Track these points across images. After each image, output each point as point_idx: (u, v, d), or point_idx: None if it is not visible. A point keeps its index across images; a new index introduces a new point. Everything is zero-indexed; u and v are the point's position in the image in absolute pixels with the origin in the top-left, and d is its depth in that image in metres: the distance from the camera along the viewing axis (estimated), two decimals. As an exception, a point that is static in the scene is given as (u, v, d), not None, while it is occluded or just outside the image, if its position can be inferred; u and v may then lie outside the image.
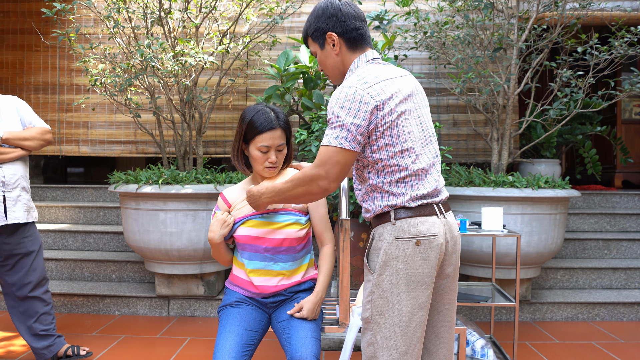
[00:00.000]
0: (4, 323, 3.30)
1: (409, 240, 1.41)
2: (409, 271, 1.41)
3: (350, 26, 1.50)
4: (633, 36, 3.46)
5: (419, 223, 1.42)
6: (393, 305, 1.42)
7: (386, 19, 3.58)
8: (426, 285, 1.43)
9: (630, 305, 3.51)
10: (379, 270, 1.44)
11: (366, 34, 1.54)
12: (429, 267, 1.43)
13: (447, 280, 1.52)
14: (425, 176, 1.46)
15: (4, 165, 2.46)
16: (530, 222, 3.20)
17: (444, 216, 1.48)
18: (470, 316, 3.54)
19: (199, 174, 3.37)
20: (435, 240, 1.43)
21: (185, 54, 3.24)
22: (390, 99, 1.41)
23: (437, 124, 3.14)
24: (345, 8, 1.52)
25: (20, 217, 2.49)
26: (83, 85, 4.90)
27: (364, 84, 1.41)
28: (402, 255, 1.42)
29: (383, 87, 1.42)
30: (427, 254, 1.42)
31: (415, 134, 1.45)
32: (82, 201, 4.68)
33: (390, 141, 1.41)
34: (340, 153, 1.39)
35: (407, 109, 1.45)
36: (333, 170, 1.41)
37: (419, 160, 1.44)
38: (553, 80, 3.79)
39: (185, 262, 3.33)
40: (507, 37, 3.57)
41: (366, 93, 1.39)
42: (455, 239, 1.52)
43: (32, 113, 2.65)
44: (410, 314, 1.41)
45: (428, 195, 1.46)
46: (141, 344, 2.98)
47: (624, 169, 5.72)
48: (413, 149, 1.43)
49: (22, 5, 4.99)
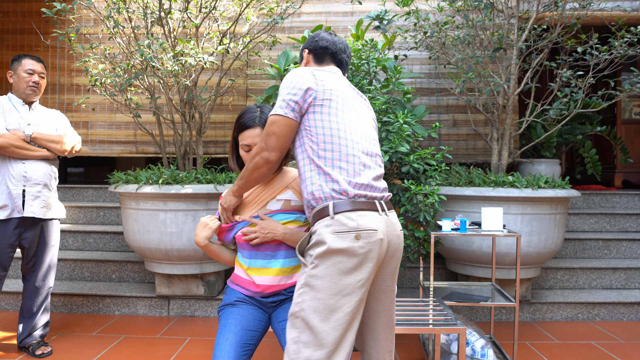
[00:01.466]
0: (4, 323, 3.30)
1: (349, 234, 1.39)
2: (345, 265, 1.38)
3: (321, 45, 1.71)
4: (633, 36, 3.46)
5: (359, 217, 1.41)
6: (325, 300, 1.37)
7: (386, 19, 3.58)
8: (363, 281, 1.39)
9: (630, 305, 3.51)
10: (315, 262, 1.41)
11: (336, 55, 1.72)
12: (367, 263, 1.39)
13: (388, 280, 1.51)
14: (366, 168, 1.49)
15: (27, 161, 2.65)
16: (530, 222, 3.20)
17: (386, 214, 1.48)
18: (470, 316, 3.54)
19: (199, 174, 3.37)
20: (375, 235, 1.41)
21: (185, 54, 3.24)
22: (329, 83, 1.54)
23: (437, 124, 3.14)
24: (328, 36, 1.73)
25: (37, 212, 2.67)
26: (83, 85, 4.90)
27: (307, 69, 1.57)
28: (339, 249, 1.38)
29: (326, 76, 1.56)
30: (366, 249, 1.39)
31: (355, 127, 1.53)
32: (82, 201, 4.68)
33: (327, 118, 1.49)
34: (274, 123, 1.51)
35: (347, 102, 1.55)
36: (270, 139, 1.51)
37: (356, 147, 1.49)
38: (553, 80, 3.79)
39: (185, 262, 3.33)
40: (507, 37, 3.57)
41: (307, 72, 1.54)
42: (398, 237, 1.51)
43: (68, 125, 2.91)
44: (343, 311, 1.37)
45: (367, 186, 1.46)
46: (141, 344, 2.98)
47: (624, 169, 5.71)
48: (350, 132, 1.50)
49: (22, 5, 4.99)
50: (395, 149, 2.93)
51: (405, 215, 3.12)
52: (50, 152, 2.73)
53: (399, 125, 2.99)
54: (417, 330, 1.96)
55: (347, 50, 1.75)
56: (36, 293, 2.80)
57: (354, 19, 4.75)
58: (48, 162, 2.75)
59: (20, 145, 2.61)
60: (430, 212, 2.97)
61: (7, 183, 2.61)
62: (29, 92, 2.71)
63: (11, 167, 2.62)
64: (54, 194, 2.82)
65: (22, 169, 2.63)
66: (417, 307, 2.25)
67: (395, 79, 3.44)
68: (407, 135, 3.05)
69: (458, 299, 2.64)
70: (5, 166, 2.62)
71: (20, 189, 2.62)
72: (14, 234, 2.67)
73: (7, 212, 2.62)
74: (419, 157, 3.06)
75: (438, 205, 2.97)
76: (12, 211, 2.62)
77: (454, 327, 1.95)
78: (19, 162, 2.63)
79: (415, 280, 3.86)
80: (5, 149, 2.57)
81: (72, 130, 2.91)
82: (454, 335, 2.78)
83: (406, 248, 3.05)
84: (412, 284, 3.86)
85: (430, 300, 2.34)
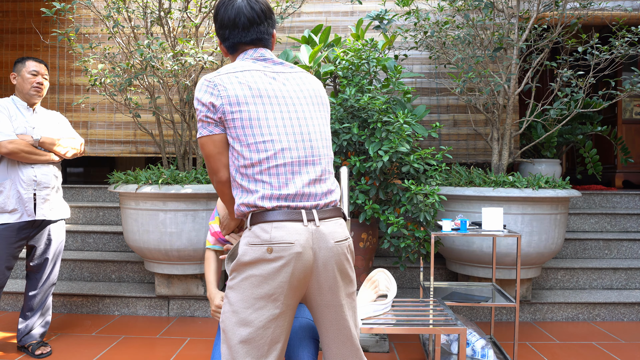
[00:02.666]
0: (4, 323, 3.30)
1: (261, 247, 1.33)
2: (257, 279, 1.32)
3: (223, 32, 1.48)
4: (634, 36, 3.45)
5: (274, 228, 1.32)
6: (238, 313, 1.34)
7: (386, 18, 3.58)
8: (275, 296, 1.33)
9: (630, 306, 3.51)
10: (231, 275, 1.38)
11: (245, 35, 1.46)
12: (279, 277, 1.32)
13: (327, 295, 1.40)
14: (296, 175, 1.37)
15: (36, 166, 2.70)
16: (531, 222, 3.19)
17: (315, 224, 1.36)
18: (471, 316, 3.53)
19: (198, 174, 3.36)
20: (291, 248, 1.32)
21: (185, 53, 3.24)
22: (235, 89, 1.36)
23: (437, 124, 3.14)
24: (230, 12, 1.45)
25: (47, 214, 2.75)
26: (83, 85, 4.89)
27: (206, 79, 1.40)
28: (251, 262, 1.33)
29: (230, 79, 1.37)
30: (279, 263, 1.31)
31: (282, 131, 1.38)
32: (82, 201, 4.67)
33: (242, 132, 1.35)
34: (202, 146, 1.42)
35: (269, 102, 1.38)
36: (209, 163, 1.44)
37: (286, 155, 1.36)
38: (553, 80, 3.78)
39: (185, 262, 3.32)
40: (508, 36, 3.57)
41: (205, 85, 1.38)
42: (329, 250, 1.37)
43: (70, 127, 2.96)
44: (255, 325, 1.33)
45: (294, 195, 1.36)
46: (141, 344, 2.97)
47: (624, 169, 5.71)
48: (271, 142, 1.35)
49: (22, 4, 4.99)
50: (395, 149, 2.92)
51: (406, 215, 3.11)
52: (57, 155, 2.78)
53: (399, 125, 2.98)
54: (417, 330, 1.96)
55: (257, 17, 1.45)
56: (39, 291, 2.82)
57: (354, 19, 4.74)
58: (53, 164, 2.80)
59: (30, 151, 2.65)
60: (431, 212, 2.97)
61: (17, 188, 2.65)
62: (32, 93, 2.73)
63: (21, 172, 2.66)
64: (60, 194, 2.87)
65: (32, 173, 2.68)
66: (417, 307, 2.24)
67: (396, 78, 3.44)
68: (407, 135, 3.04)
69: (458, 299, 2.63)
70: (15, 171, 2.66)
71: (31, 193, 2.67)
72: (23, 235, 2.71)
73: (18, 215, 2.66)
74: (419, 157, 3.06)
75: (438, 205, 2.97)
76: (22, 215, 2.67)
77: (454, 328, 1.94)
78: (29, 167, 2.67)
79: (416, 280, 3.85)
80: (16, 155, 2.60)
81: (74, 133, 2.94)
82: (454, 336, 2.77)
83: (406, 248, 3.05)
84: (412, 284, 3.85)
85: (431, 300, 2.34)
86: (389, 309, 2.15)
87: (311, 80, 1.50)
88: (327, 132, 1.50)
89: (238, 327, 1.34)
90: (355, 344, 1.47)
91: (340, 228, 1.43)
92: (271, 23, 1.50)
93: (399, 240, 3.05)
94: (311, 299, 1.42)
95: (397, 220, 2.94)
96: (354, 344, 1.47)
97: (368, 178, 3.12)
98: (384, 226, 3.06)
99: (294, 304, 1.39)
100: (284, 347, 1.40)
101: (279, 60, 1.50)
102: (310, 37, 3.77)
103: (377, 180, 3.10)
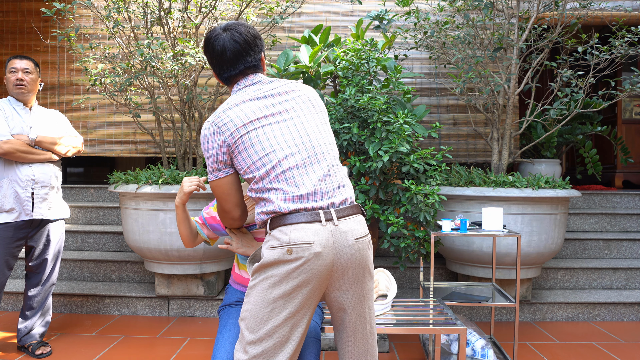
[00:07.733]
0: (4, 323, 3.30)
1: (281, 249, 1.37)
2: (276, 278, 1.37)
3: (216, 69, 1.57)
4: (633, 36, 3.45)
5: (292, 230, 1.37)
6: (256, 312, 1.39)
7: (386, 18, 3.58)
8: (294, 294, 1.37)
9: (630, 306, 3.51)
10: (253, 275, 1.43)
11: (234, 68, 1.54)
12: (299, 276, 1.36)
13: (347, 293, 1.44)
14: (305, 175, 1.42)
15: (34, 165, 2.69)
16: (531, 222, 3.19)
17: (333, 223, 1.40)
18: (471, 316, 3.53)
19: (198, 174, 3.36)
20: (310, 248, 1.36)
21: (185, 53, 3.24)
22: (235, 120, 1.45)
23: (437, 124, 3.14)
24: (217, 49, 1.53)
25: (45, 214, 2.73)
26: (83, 85, 4.89)
27: (210, 120, 1.49)
28: (271, 263, 1.38)
29: (230, 115, 1.46)
30: (299, 262, 1.36)
31: (284, 139, 1.45)
32: (82, 201, 4.67)
33: (247, 153, 1.44)
34: (215, 189, 1.53)
35: (267, 122, 1.46)
36: (222, 204, 1.56)
37: (291, 160, 1.42)
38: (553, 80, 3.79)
39: (185, 262, 3.32)
40: (508, 36, 3.57)
41: (211, 126, 1.47)
42: (350, 247, 1.41)
43: (70, 126, 2.94)
44: (272, 324, 1.37)
45: (308, 195, 1.40)
46: (141, 344, 2.97)
47: (624, 169, 5.71)
48: (273, 152, 1.42)
49: (22, 4, 4.99)
50: (395, 149, 2.92)
51: (406, 215, 3.11)
52: (55, 154, 2.77)
53: (399, 125, 2.98)
54: (417, 330, 1.96)
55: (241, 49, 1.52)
56: (39, 291, 2.82)
57: (354, 19, 4.74)
58: (53, 163, 2.79)
59: (26, 150, 2.64)
60: (431, 212, 2.97)
61: (14, 187, 2.64)
62: (15, 91, 2.71)
63: (19, 171, 2.65)
64: (59, 194, 2.86)
65: (30, 172, 2.67)
66: (417, 307, 2.24)
67: (396, 78, 3.44)
68: (407, 135, 3.04)
69: (458, 299, 2.63)
70: (12, 170, 2.65)
71: (29, 192, 2.66)
72: (22, 235, 2.70)
73: (15, 215, 2.65)
74: (419, 157, 3.06)
75: (438, 205, 2.97)
76: (20, 214, 2.66)
77: (454, 327, 1.94)
78: (26, 166, 2.67)
79: (416, 280, 3.85)
80: (12, 155, 2.60)
81: (73, 131, 2.93)
82: (454, 336, 2.77)
83: (406, 248, 3.05)
84: (412, 284, 3.85)
85: (431, 300, 2.34)
86: (389, 308, 2.16)
87: (301, 87, 1.57)
88: (327, 130, 1.55)
89: (255, 324, 1.38)
90: (370, 342, 1.52)
91: (360, 225, 1.46)
92: (257, 50, 1.57)
93: (399, 240, 3.05)
94: (331, 297, 1.46)
95: (397, 220, 2.94)
96: (369, 342, 1.52)
97: (368, 178, 3.12)
98: (384, 226, 3.06)
99: (313, 303, 1.42)
100: (299, 346, 1.42)
101: (269, 79, 1.58)
102: (310, 37, 3.77)
103: (377, 180, 3.10)
